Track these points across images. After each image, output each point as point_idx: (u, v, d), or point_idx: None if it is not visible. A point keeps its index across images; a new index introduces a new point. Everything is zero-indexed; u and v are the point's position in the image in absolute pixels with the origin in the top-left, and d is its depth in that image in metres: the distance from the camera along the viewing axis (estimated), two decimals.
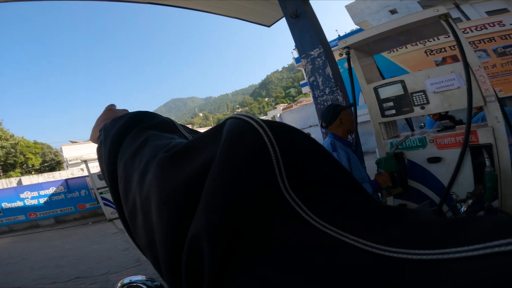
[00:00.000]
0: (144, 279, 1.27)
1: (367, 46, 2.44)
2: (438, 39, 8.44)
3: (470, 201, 1.40)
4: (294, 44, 3.44)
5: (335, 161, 0.29)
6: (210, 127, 0.32)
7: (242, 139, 0.27)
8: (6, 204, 8.51)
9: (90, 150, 20.18)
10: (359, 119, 2.65)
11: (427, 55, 8.88)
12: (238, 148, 0.26)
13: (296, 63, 24.11)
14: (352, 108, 2.38)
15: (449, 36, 1.88)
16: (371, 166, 2.57)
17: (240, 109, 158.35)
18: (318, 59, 3.15)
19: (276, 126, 0.29)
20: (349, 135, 1.96)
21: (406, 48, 9.11)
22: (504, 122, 1.66)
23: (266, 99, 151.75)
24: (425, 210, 1.37)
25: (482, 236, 0.17)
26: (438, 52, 8.67)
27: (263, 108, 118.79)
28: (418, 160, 2.06)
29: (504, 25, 7.98)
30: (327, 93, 3.19)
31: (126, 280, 1.25)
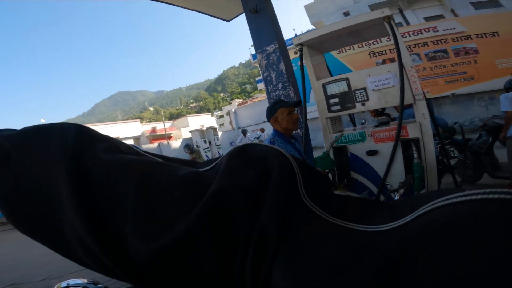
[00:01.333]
0: (86, 282, 1.19)
1: (319, 44, 2.53)
2: (381, 41, 9.33)
3: (401, 191, 1.50)
4: (252, 41, 3.43)
5: (327, 177, 1.19)
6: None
7: (284, 165, 0.63)
8: None
9: None
10: (310, 115, 2.74)
11: (371, 57, 9.75)
12: (284, 168, 0.61)
13: (253, 59, 24.39)
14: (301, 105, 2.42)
15: (390, 40, 2.02)
16: None
17: (194, 104, 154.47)
18: (273, 55, 3.19)
19: (296, 158, 0.68)
20: (294, 131, 1.92)
21: (354, 49, 9.91)
22: (429, 118, 1.86)
23: (222, 94, 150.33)
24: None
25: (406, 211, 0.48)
26: (380, 54, 9.57)
27: (218, 103, 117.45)
28: (359, 153, 2.20)
29: (437, 30, 9.07)
30: (279, 88, 3.24)
31: (63, 284, 1.16)
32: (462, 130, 3.53)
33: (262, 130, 11.70)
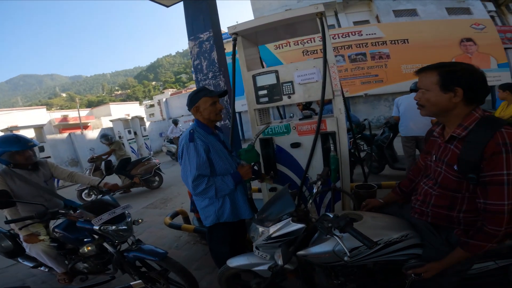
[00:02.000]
0: None
1: (254, 36, 2.50)
2: (314, 41, 10.04)
3: (319, 183, 1.57)
4: (186, 27, 3.19)
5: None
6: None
7: None
8: None
9: None
10: (245, 107, 2.70)
11: (303, 55, 10.42)
12: None
13: None
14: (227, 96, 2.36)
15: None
16: None
17: (120, 92, 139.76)
18: (206, 43, 3.03)
19: None
20: (217, 122, 1.87)
21: (290, 46, 10.43)
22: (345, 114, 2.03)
23: (154, 83, 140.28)
24: (284, 193, 1.44)
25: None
26: (312, 53, 10.30)
27: (149, 92, 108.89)
28: (284, 145, 2.26)
29: (362, 35, 10.16)
30: (210, 77, 3.10)
31: None
32: (370, 126, 4.08)
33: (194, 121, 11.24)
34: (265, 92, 2.27)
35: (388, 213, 1.53)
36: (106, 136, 6.07)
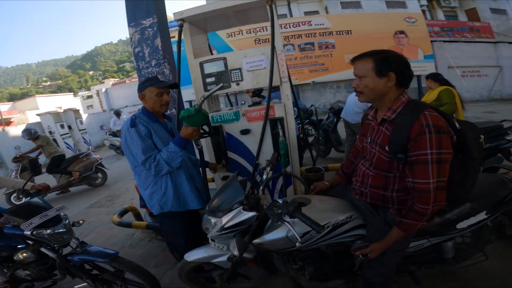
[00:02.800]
0: None
1: (203, 22, 2.39)
2: (267, 30, 10.04)
3: (268, 168, 1.59)
4: (126, 13, 2.88)
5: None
6: None
7: None
8: None
9: None
10: (193, 96, 2.60)
11: (256, 43, 10.39)
12: None
13: None
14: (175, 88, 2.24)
15: None
16: None
17: (48, 83, 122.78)
18: (149, 29, 2.80)
19: None
20: (162, 112, 1.80)
21: (242, 35, 10.28)
22: (292, 99, 2.08)
23: (91, 72, 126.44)
24: (233, 181, 1.42)
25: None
26: (264, 41, 10.32)
27: (85, 82, 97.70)
28: (233, 132, 2.25)
29: (311, 25, 10.50)
30: (153, 65, 2.89)
31: None
32: (316, 112, 4.30)
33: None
34: (213, 79, 2.20)
35: (334, 195, 1.59)
36: (28, 131, 5.20)
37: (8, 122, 17.78)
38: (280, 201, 1.20)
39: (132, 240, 3.23)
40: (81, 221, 2.15)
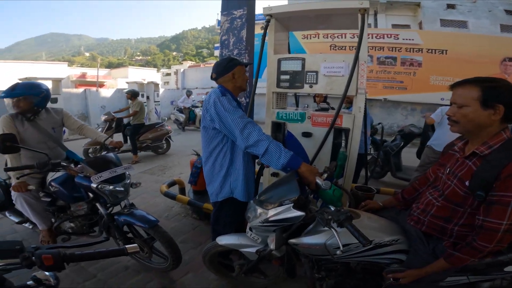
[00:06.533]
0: None
1: (287, 20, 2.45)
2: (345, 37, 9.69)
3: (325, 175, 1.54)
4: (221, 1, 3.14)
5: None
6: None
7: None
8: None
9: None
10: (258, 90, 2.70)
11: (331, 49, 10.09)
12: None
13: (218, 25, 23.01)
14: (252, 74, 2.34)
15: (354, 37, 2.04)
16: None
17: (140, 57, 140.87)
18: (238, 20, 3.01)
19: None
20: (243, 91, 1.87)
21: (318, 38, 10.13)
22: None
23: (174, 53, 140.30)
24: (291, 178, 1.41)
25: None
26: (339, 48, 9.93)
27: (168, 61, 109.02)
28: (295, 132, 2.27)
29: (398, 39, 9.63)
30: (234, 54, 3.10)
31: None
32: (383, 131, 4.02)
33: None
34: (287, 77, 2.25)
35: (384, 216, 1.55)
36: (133, 91, 5.99)
37: (101, 85, 20.93)
38: (332, 209, 1.20)
39: (170, 212, 3.36)
40: (138, 184, 2.21)
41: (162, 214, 3.29)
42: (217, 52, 27.07)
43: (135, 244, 0.90)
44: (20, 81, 2.23)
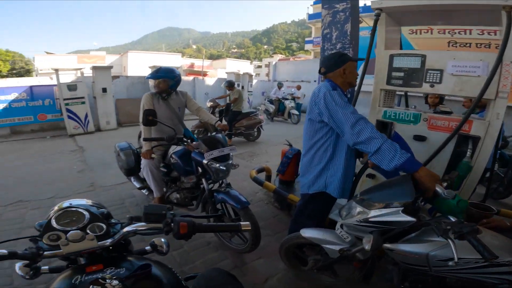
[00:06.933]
0: (89, 204, 1.09)
1: (399, 15, 2.26)
2: (470, 33, 8.00)
3: (445, 184, 1.39)
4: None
5: None
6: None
7: None
8: None
9: (65, 62, 20.28)
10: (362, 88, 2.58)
11: (449, 46, 8.51)
12: None
13: (308, 19, 22.48)
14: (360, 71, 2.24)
15: (483, 33, 1.73)
16: None
17: (236, 50, 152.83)
18: (341, 13, 2.94)
19: None
20: (351, 88, 1.82)
21: (431, 34, 8.70)
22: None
23: (265, 46, 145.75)
24: (405, 181, 1.33)
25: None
26: (462, 45, 8.25)
27: (259, 54, 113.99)
28: (404, 134, 2.09)
29: None
30: (337, 48, 3.04)
31: (65, 204, 1.06)
32: None
33: (299, 87, 11.22)
34: (401, 74, 2.08)
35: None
36: (230, 82, 6.68)
37: (204, 74, 23.80)
38: (453, 219, 1.11)
39: (254, 197, 3.41)
40: (237, 165, 2.32)
41: (247, 198, 3.57)
42: (307, 46, 26.58)
43: (248, 222, 0.92)
44: (161, 66, 2.64)
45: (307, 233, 1.63)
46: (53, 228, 0.85)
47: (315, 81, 13.77)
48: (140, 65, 22.92)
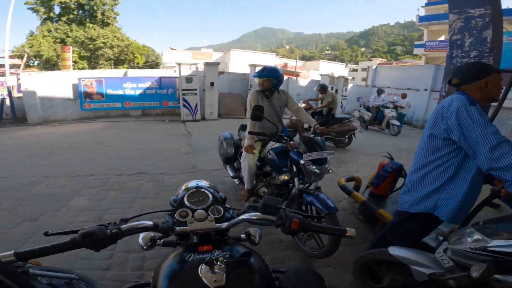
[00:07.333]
0: (208, 185, 1.15)
1: None
2: None
3: None
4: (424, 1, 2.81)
5: None
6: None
7: None
8: (110, 90, 9.09)
9: (182, 57, 23.96)
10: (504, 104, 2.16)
11: None
12: None
13: (419, 22, 19.41)
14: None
15: None
16: None
17: (329, 51, 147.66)
18: (478, 19, 2.57)
19: None
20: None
21: None
22: None
23: (363, 49, 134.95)
24: None
25: None
26: None
27: (355, 57, 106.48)
28: None
29: None
30: (471, 56, 2.64)
31: (192, 184, 1.12)
32: None
33: (404, 95, 9.75)
34: None
35: None
36: (323, 86, 6.58)
37: (297, 75, 24.05)
38: None
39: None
40: (331, 171, 2.28)
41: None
42: (416, 50, 23.17)
43: (353, 229, 0.89)
44: (266, 66, 2.76)
45: (397, 251, 1.55)
46: (185, 205, 0.91)
47: (425, 90, 12.07)
48: (239, 62, 25.04)
